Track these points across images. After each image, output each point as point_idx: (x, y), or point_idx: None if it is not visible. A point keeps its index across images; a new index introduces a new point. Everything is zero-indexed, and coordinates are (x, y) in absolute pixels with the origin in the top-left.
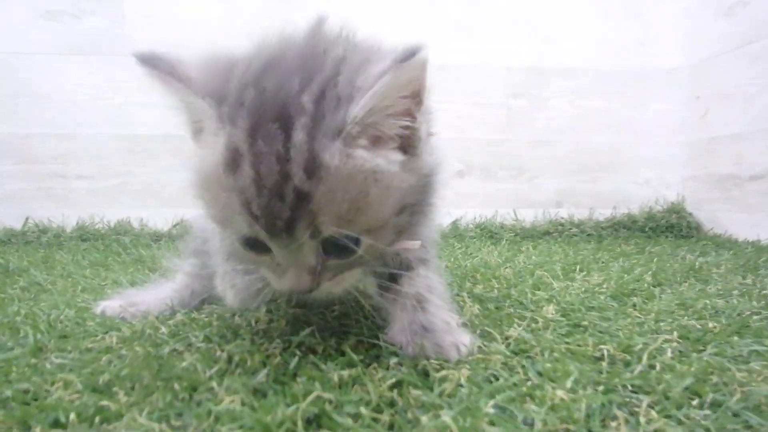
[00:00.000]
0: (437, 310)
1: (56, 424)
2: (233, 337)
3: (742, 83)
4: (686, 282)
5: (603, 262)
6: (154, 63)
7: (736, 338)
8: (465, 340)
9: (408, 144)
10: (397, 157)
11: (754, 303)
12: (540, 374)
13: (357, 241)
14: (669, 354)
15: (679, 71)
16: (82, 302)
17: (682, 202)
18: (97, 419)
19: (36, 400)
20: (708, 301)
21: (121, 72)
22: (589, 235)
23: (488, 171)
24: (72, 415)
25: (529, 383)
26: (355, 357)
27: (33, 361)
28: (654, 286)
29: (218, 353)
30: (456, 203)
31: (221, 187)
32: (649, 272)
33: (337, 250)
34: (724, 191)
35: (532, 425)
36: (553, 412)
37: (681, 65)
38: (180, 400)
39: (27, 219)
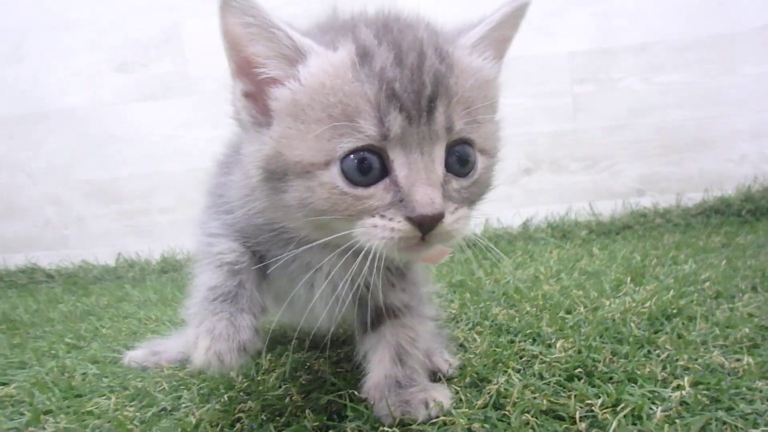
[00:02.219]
0: (416, 364)
1: None
2: (226, 389)
3: None
4: (753, 291)
5: (672, 264)
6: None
7: (761, 384)
8: (437, 396)
9: None
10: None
11: None
12: None
13: (475, 160)
14: (659, 414)
15: None
16: (116, 353)
17: None
18: None
19: None
20: (757, 323)
21: (188, 111)
22: (675, 224)
23: (558, 164)
24: None
25: None
26: (308, 425)
27: (31, 429)
28: (712, 298)
29: (189, 417)
30: (525, 201)
31: (350, 82)
32: (714, 278)
33: (458, 167)
34: None
35: None
36: None
37: None
38: None
39: (119, 255)
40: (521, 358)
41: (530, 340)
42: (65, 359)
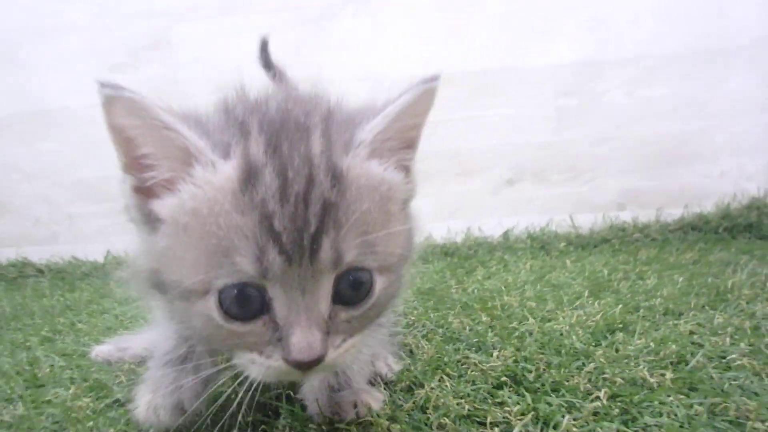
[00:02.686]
0: (352, 372)
1: None
2: None
3: None
4: (701, 309)
5: (637, 279)
6: (132, 90)
7: (671, 398)
8: (366, 399)
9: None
10: (403, 183)
11: (742, 345)
12: None
13: (371, 283)
14: (565, 422)
15: (762, 43)
16: (85, 347)
17: (765, 196)
18: None
19: None
20: (694, 340)
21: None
22: (653, 239)
23: (541, 176)
24: None
25: None
26: (242, 420)
27: None
28: (661, 314)
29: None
30: (507, 212)
31: (228, 212)
32: (668, 295)
33: (350, 294)
34: None
35: None
36: None
37: (763, 36)
38: None
39: (108, 252)
40: (462, 365)
41: (475, 348)
42: (36, 350)
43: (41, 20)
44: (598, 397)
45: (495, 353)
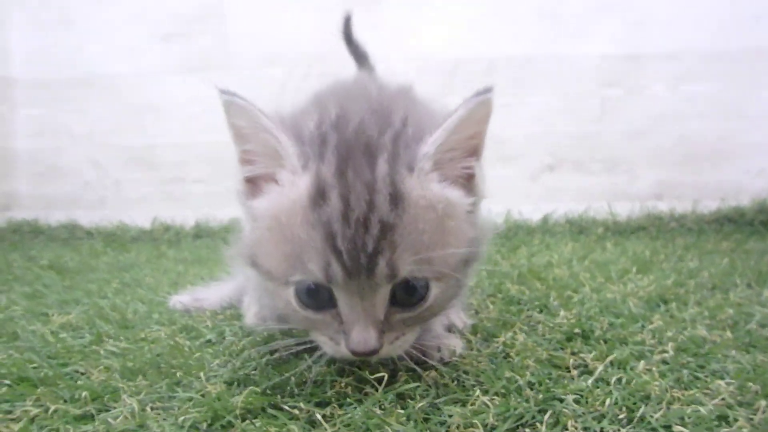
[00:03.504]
0: (432, 323)
1: (72, 399)
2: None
3: None
4: (747, 287)
5: (678, 261)
6: (242, 97)
7: (734, 352)
8: (449, 343)
9: (470, 188)
10: (464, 196)
11: None
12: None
13: (426, 289)
14: (641, 366)
15: None
16: (161, 297)
17: None
18: (106, 398)
19: (78, 380)
20: (746, 309)
21: (225, 85)
22: (689, 229)
23: (580, 164)
24: (85, 393)
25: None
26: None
27: (94, 347)
28: (708, 289)
29: (233, 346)
30: (546, 198)
31: (300, 224)
32: (714, 273)
33: (405, 298)
34: None
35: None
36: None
37: None
38: (176, 385)
39: (155, 219)
40: (528, 323)
41: (537, 309)
42: (115, 299)
43: None
44: (665, 350)
45: (560, 313)
